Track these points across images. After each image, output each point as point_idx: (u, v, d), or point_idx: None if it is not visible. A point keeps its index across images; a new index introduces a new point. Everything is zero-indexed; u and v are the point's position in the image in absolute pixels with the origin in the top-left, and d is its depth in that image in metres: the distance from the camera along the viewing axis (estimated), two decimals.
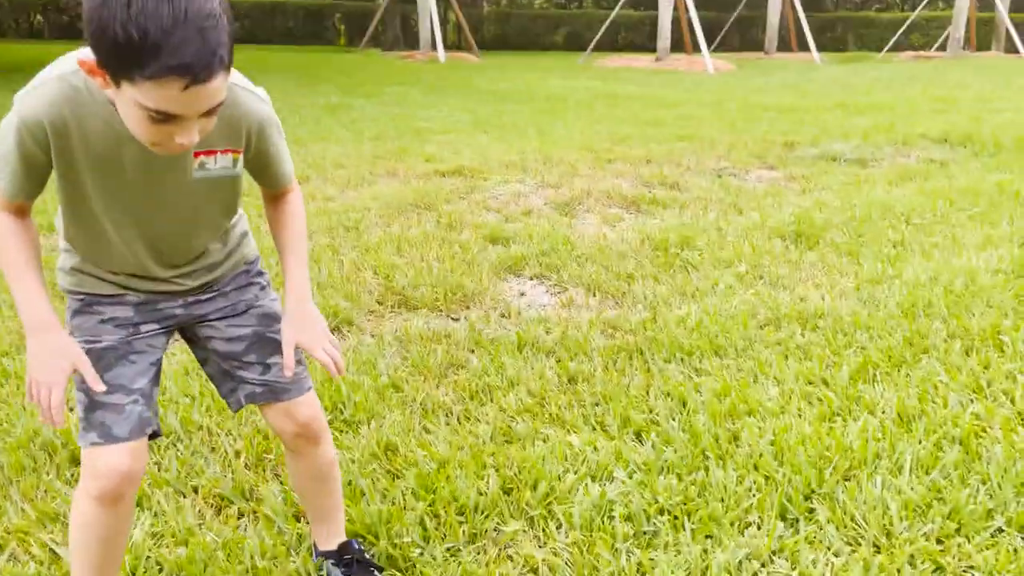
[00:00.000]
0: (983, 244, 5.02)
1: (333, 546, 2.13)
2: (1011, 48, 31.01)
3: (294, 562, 2.17)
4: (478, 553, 2.22)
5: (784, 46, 30.52)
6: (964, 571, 2.12)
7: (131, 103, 1.33)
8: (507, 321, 3.88)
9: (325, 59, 23.49)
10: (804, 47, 28.92)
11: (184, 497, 2.49)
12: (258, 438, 2.77)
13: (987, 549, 2.19)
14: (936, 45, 33.03)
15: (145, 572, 2.13)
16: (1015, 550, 2.18)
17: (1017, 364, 3.28)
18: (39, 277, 1.61)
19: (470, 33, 30.36)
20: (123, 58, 1.27)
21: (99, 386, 1.65)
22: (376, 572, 2.11)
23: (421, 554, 2.20)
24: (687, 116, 11.29)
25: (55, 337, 1.62)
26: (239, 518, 2.40)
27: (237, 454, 2.72)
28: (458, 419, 2.95)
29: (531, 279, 4.54)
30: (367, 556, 2.15)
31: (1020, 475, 2.50)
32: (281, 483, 2.53)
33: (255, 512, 2.42)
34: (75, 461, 2.64)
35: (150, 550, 2.21)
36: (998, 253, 4.81)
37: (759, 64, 25.98)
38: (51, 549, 2.24)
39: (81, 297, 1.76)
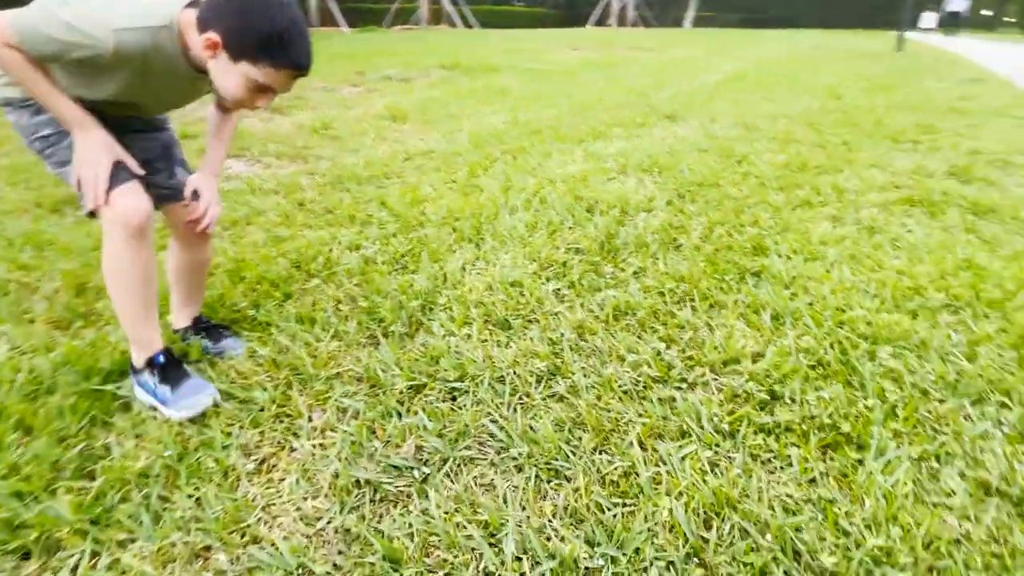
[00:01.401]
0: (493, 113, 5.36)
1: (188, 322, 1.75)
2: (453, 24, 32.35)
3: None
4: (296, 301, 1.98)
5: (322, 23, 28.30)
6: (564, 249, 2.39)
7: (240, 75, 1.20)
8: (232, 180, 3.30)
9: None
10: (335, 24, 27.10)
11: (30, 324, 1.84)
12: (71, 280, 2.10)
13: (568, 236, 2.48)
14: (410, 22, 33.11)
15: (31, 373, 1.56)
16: (579, 235, 2.50)
17: (538, 159, 3.64)
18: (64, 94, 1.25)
19: None
20: (262, 49, 1.16)
21: (139, 170, 1.34)
22: (224, 330, 1.77)
23: (256, 311, 1.91)
24: None
25: (99, 133, 1.29)
26: (88, 327, 1.84)
27: (56, 291, 2.04)
28: (235, 236, 2.51)
29: (231, 158, 3.87)
30: (213, 322, 1.79)
31: (565, 203, 2.82)
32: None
33: (99, 321, 1.87)
34: None
35: (22, 360, 1.61)
36: (502, 116, 5.18)
37: (313, 34, 23.80)
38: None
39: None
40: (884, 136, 4.33)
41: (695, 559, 1.09)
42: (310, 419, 1.47)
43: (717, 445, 1.35)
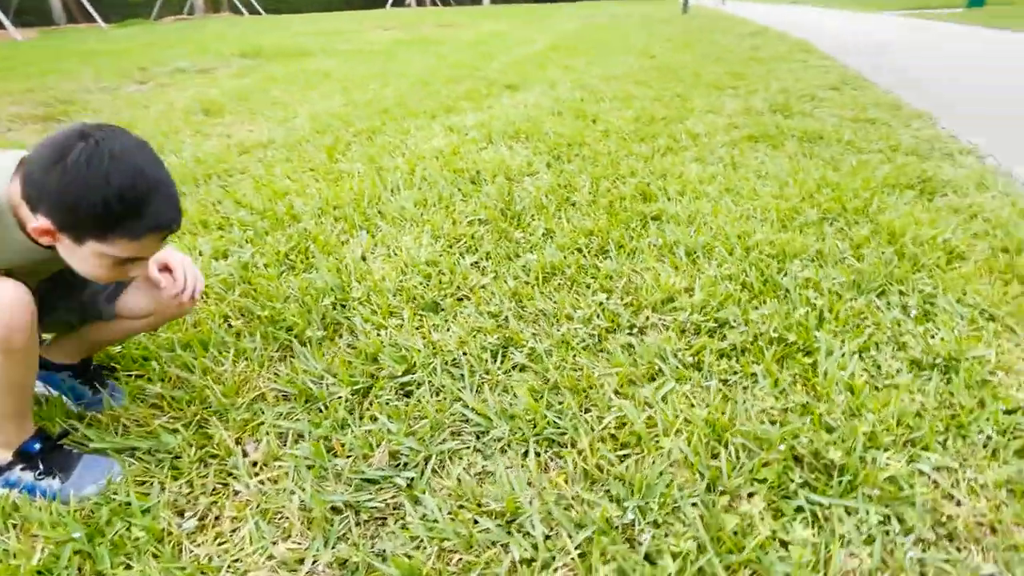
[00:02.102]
0: (324, 97, 5.03)
1: (75, 361, 1.40)
2: (237, 11, 29.77)
3: None
4: (171, 326, 1.68)
5: (69, 20, 24.33)
6: (466, 222, 2.31)
7: (93, 255, 0.97)
8: None
9: None
10: (86, 19, 23.49)
11: None
12: None
13: (465, 209, 2.41)
14: (186, 11, 29.86)
15: None
16: (476, 206, 2.43)
17: (398, 137, 3.49)
18: None
19: None
20: (105, 224, 0.93)
21: None
22: (107, 372, 1.48)
23: (122, 346, 1.58)
24: (43, 60, 8.51)
25: None
26: None
27: None
28: None
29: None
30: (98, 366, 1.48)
31: (446, 177, 2.74)
32: None
33: None
34: None
35: None
36: (336, 99, 4.88)
37: (62, 31, 20.31)
38: None
39: None
40: (706, 85, 4.81)
41: (717, 488, 1.12)
42: (245, 453, 1.26)
43: (690, 378, 1.40)
